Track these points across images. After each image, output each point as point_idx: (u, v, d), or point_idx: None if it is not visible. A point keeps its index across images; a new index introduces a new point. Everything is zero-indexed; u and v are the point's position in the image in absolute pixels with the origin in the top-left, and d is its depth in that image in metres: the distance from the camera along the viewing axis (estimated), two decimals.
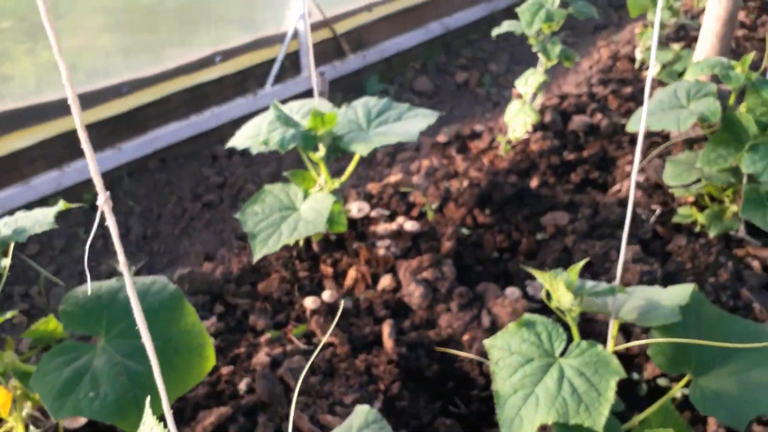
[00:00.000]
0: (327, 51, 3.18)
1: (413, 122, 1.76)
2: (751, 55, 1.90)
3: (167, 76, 2.64)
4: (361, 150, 1.68)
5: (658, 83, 2.95)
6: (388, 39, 3.44)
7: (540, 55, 2.26)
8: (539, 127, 2.58)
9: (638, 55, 3.12)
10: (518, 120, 2.30)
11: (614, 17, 4.31)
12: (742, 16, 3.54)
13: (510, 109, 2.37)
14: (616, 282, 1.25)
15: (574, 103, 2.72)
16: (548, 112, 2.64)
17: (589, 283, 1.29)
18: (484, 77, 3.54)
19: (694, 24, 3.20)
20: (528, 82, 2.31)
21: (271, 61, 2.94)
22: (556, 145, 2.48)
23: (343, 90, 3.33)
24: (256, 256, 1.65)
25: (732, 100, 2.00)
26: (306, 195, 1.77)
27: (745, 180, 1.92)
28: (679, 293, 1.28)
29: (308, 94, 3.14)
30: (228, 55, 2.80)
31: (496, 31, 2.28)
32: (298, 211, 1.72)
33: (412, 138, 1.67)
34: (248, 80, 2.92)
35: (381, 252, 1.89)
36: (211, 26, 2.73)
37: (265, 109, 2.97)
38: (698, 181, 1.98)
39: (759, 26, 3.44)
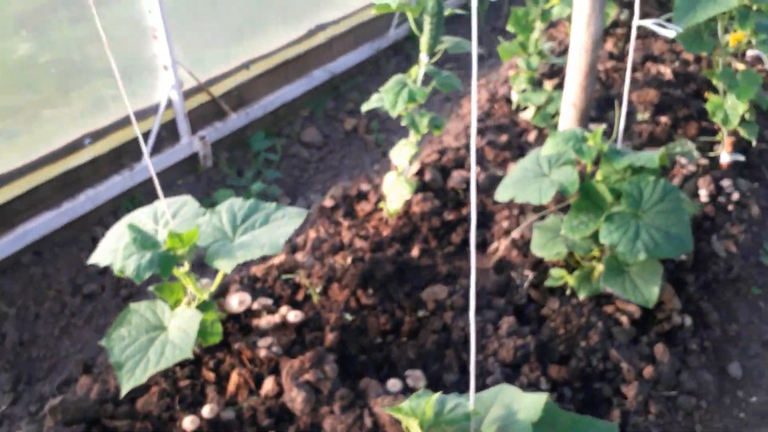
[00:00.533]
0: (206, 114, 3.11)
1: (280, 227, 1.74)
2: (601, 129, 2.00)
3: (33, 167, 2.50)
4: (224, 266, 1.64)
5: (534, 127, 3.07)
6: (271, 92, 3.40)
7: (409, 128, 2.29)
8: (420, 187, 2.62)
9: (514, 96, 3.23)
10: (395, 192, 2.33)
11: (497, 43, 4.43)
12: (610, 45, 3.73)
13: (387, 180, 2.40)
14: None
15: (453, 158, 2.79)
16: (428, 170, 2.69)
17: (449, 404, 1.32)
18: (372, 123, 3.56)
19: (562, 62, 3.34)
20: (401, 154, 2.34)
21: (147, 134, 2.84)
22: (437, 205, 2.53)
23: (228, 149, 3.27)
24: (124, 390, 1.59)
25: (589, 167, 2.10)
26: (174, 310, 1.72)
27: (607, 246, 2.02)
28: (533, 404, 1.33)
29: (189, 160, 3.07)
30: (98, 135, 2.68)
31: (365, 107, 2.30)
32: (167, 331, 1.67)
33: (277, 249, 1.66)
34: (123, 156, 2.80)
35: (262, 353, 1.86)
36: (75, 108, 2.60)
37: (144, 183, 2.89)
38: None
39: (626, 54, 3.64)
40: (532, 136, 3.01)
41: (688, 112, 3.09)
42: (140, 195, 2.87)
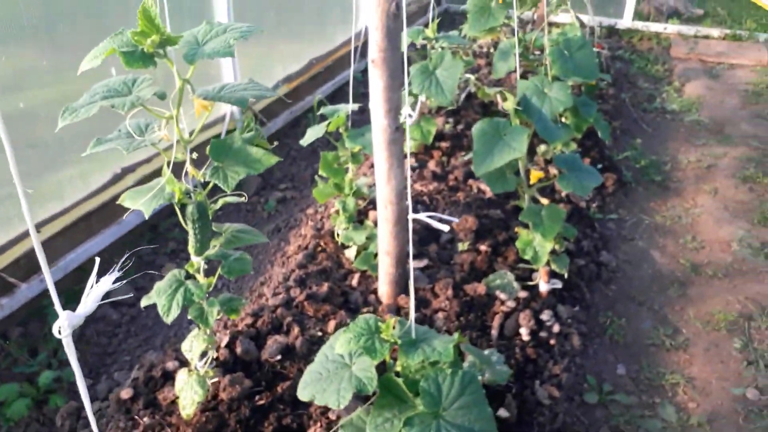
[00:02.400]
0: None
1: None
2: (392, 321, 1.87)
3: None
4: None
5: (357, 269, 2.93)
6: (72, 250, 3.04)
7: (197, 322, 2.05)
8: (231, 365, 2.38)
9: (339, 232, 3.10)
10: (186, 396, 2.06)
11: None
12: (433, 163, 3.73)
13: (179, 379, 2.13)
14: None
15: (269, 321, 2.57)
16: (239, 340, 2.45)
17: None
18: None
19: None
20: (193, 348, 2.08)
21: None
22: (248, 386, 2.28)
23: (21, 324, 2.85)
24: None
25: (388, 358, 1.95)
26: None
27: None
28: None
29: None
30: None
31: (145, 302, 2.03)
32: None
33: None
34: None
35: None
36: None
37: None
38: None
39: (449, 172, 3.65)
40: (355, 281, 2.87)
41: (507, 236, 3.10)
42: None
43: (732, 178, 4.11)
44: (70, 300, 3.01)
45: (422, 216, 1.79)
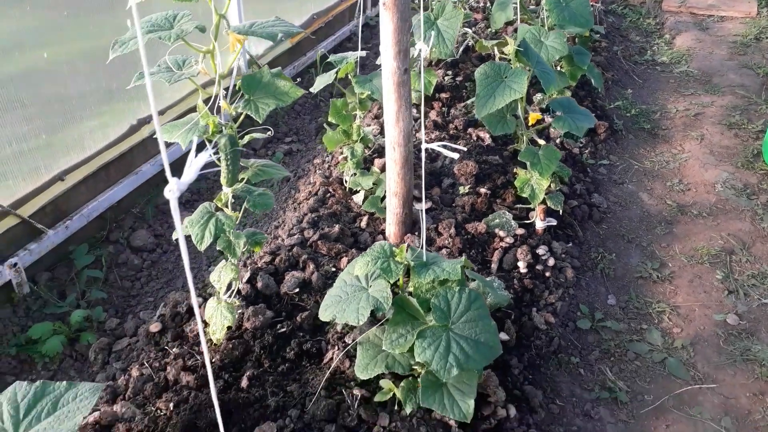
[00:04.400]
0: (17, 237, 2.86)
1: (68, 416, 1.61)
2: (405, 246, 2.05)
3: None
4: None
5: (365, 212, 3.11)
6: (93, 199, 3.20)
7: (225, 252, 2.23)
8: (252, 298, 2.57)
9: (347, 178, 3.26)
10: (216, 321, 2.25)
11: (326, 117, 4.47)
12: (434, 113, 3.88)
13: (209, 306, 2.32)
14: None
15: (286, 258, 2.76)
16: (260, 277, 2.64)
17: None
18: None
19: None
20: (221, 278, 2.27)
21: None
22: (270, 317, 2.48)
23: (48, 269, 3.03)
24: None
25: (401, 280, 2.15)
26: None
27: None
28: None
29: (2, 290, 2.80)
30: None
31: (176, 235, 2.20)
32: None
33: None
34: None
35: None
36: None
37: None
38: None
39: (450, 122, 3.80)
40: (364, 222, 3.05)
41: (505, 179, 3.28)
42: None
43: (718, 125, 4.29)
44: (93, 247, 3.18)
45: (435, 145, 1.96)
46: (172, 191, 0.90)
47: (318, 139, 4.17)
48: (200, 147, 1.77)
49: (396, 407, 2.14)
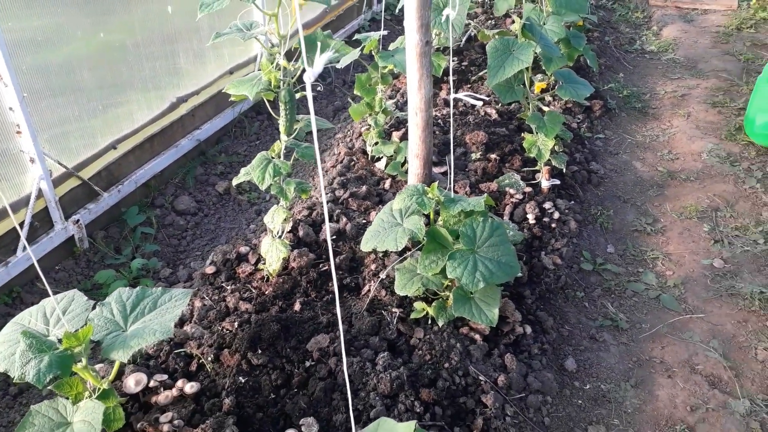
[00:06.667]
0: (79, 197, 3.18)
1: (168, 311, 1.94)
2: (435, 183, 2.40)
3: None
4: (120, 357, 1.81)
5: (388, 176, 3.46)
6: (140, 167, 3.53)
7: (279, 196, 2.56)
8: (296, 243, 2.90)
9: (369, 148, 3.61)
10: (272, 255, 2.58)
11: (348, 96, 4.83)
12: (445, 92, 4.24)
13: (264, 244, 2.65)
14: None
15: (321, 212, 3.09)
16: (301, 226, 2.97)
17: None
18: (243, 183, 3.78)
19: (405, 115, 3.78)
20: (274, 220, 2.60)
21: (20, 225, 2.87)
22: (312, 258, 2.81)
23: (104, 227, 3.35)
24: None
25: (432, 215, 2.49)
26: (76, 404, 1.85)
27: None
28: (406, 430, 1.64)
29: (65, 245, 3.12)
30: None
31: (235, 181, 2.54)
32: (72, 426, 1.80)
33: (168, 333, 1.85)
34: None
35: (165, 428, 2.03)
36: None
37: (21, 275, 2.91)
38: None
39: (459, 100, 4.16)
40: (387, 184, 3.40)
41: (512, 147, 3.64)
42: (18, 288, 2.89)
43: (703, 104, 4.68)
44: (141, 210, 3.51)
45: (461, 95, 2.30)
46: (308, 77, 1.22)
47: (335, 120, 4.51)
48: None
49: (429, 324, 2.47)
